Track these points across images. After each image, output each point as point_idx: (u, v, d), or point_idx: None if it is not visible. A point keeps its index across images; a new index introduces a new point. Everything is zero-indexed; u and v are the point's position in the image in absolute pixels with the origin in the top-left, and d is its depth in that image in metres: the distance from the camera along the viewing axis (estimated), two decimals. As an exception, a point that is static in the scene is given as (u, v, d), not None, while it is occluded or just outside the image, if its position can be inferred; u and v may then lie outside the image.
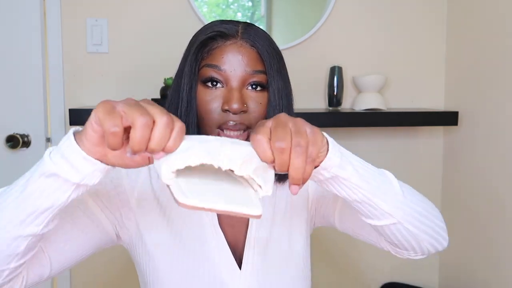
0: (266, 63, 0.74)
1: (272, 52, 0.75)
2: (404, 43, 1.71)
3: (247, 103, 0.73)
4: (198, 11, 1.56)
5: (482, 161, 1.54)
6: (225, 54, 0.73)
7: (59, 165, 0.51)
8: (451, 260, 1.73)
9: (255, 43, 0.74)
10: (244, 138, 0.74)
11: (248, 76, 0.73)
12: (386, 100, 1.70)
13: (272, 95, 0.74)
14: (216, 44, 0.74)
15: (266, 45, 0.75)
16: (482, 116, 1.54)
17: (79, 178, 0.52)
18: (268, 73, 0.74)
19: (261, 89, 0.74)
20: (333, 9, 1.64)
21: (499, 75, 1.46)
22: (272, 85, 0.74)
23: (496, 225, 1.48)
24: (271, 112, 0.75)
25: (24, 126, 1.52)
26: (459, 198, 1.68)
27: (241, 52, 0.73)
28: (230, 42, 0.73)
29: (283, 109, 0.76)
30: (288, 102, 0.78)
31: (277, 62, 0.76)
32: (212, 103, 0.73)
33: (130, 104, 0.48)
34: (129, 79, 1.56)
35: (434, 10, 1.72)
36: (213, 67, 0.73)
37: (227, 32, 0.74)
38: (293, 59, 1.64)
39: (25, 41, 1.50)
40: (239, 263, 0.79)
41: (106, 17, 1.54)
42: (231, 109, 0.71)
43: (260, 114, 0.74)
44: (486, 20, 1.52)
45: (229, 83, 0.73)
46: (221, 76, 0.73)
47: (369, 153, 1.73)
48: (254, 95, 0.74)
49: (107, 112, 0.47)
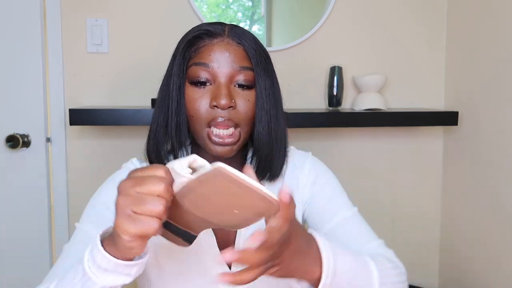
0: (253, 60, 0.75)
1: (259, 50, 0.76)
2: (404, 43, 1.71)
3: (235, 99, 0.74)
4: (198, 11, 1.56)
5: (482, 161, 1.54)
6: (212, 52, 0.74)
7: (110, 279, 0.55)
8: (451, 260, 1.73)
9: (241, 41, 0.75)
10: (235, 138, 0.74)
11: (235, 73, 0.74)
12: (386, 100, 1.70)
13: (259, 92, 0.75)
14: (203, 42, 0.75)
15: (253, 43, 0.76)
16: (482, 116, 1.54)
17: (131, 278, 0.57)
18: (255, 71, 0.75)
19: (248, 87, 0.75)
20: (333, 9, 1.64)
21: (499, 75, 1.46)
22: (259, 82, 0.75)
23: (496, 225, 1.48)
24: (259, 108, 0.75)
25: (24, 126, 1.52)
26: (459, 198, 1.68)
27: (228, 49, 0.74)
28: (217, 40, 0.75)
29: (271, 107, 0.77)
30: (276, 100, 0.79)
31: (264, 60, 0.77)
32: (201, 101, 0.74)
33: (137, 199, 0.50)
34: (129, 79, 1.56)
35: (434, 10, 1.72)
36: (201, 65, 0.73)
37: (214, 31, 0.75)
38: (293, 59, 1.64)
39: (25, 41, 1.50)
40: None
41: (106, 17, 1.54)
42: (219, 105, 0.72)
43: (248, 111, 0.75)
44: (486, 20, 1.52)
45: (217, 80, 0.73)
46: (209, 74, 0.73)
47: (369, 153, 1.74)
48: (242, 93, 0.75)
49: (129, 221, 0.49)
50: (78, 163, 1.57)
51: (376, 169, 1.73)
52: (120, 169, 0.85)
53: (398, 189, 1.75)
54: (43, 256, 1.56)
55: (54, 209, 1.57)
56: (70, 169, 1.57)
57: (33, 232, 1.55)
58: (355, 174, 1.72)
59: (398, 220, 1.77)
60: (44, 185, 1.54)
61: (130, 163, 0.85)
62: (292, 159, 0.89)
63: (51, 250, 1.57)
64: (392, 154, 1.74)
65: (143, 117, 1.39)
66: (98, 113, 1.39)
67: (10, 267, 1.54)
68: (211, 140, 0.74)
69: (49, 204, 1.56)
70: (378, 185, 1.74)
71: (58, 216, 1.57)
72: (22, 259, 1.55)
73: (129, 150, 1.57)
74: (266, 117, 0.76)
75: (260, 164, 0.79)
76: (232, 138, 0.74)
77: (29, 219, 1.54)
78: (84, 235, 0.76)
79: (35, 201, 1.54)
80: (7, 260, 1.54)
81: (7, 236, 1.53)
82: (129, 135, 1.58)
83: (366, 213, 1.82)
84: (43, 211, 1.55)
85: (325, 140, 1.70)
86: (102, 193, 0.81)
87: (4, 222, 1.53)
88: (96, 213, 0.78)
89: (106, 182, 0.83)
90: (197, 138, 0.77)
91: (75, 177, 1.57)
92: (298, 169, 0.88)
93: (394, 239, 1.77)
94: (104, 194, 0.81)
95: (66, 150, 1.56)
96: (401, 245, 1.78)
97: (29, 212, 1.54)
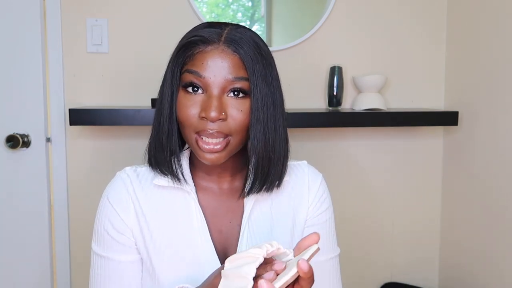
0: (249, 70, 0.70)
1: (257, 57, 0.71)
2: (404, 43, 1.71)
3: (227, 110, 0.70)
4: (198, 11, 1.56)
5: (482, 161, 1.54)
6: (205, 60, 0.70)
7: None
8: (451, 260, 1.73)
9: (237, 49, 0.70)
10: (224, 146, 0.72)
11: (228, 83, 0.70)
12: (386, 100, 1.70)
13: (254, 102, 0.71)
14: (198, 48, 0.72)
15: (251, 50, 0.71)
16: (482, 116, 1.54)
17: None
18: (251, 80, 0.71)
19: (243, 95, 0.71)
20: (333, 9, 1.64)
21: (499, 75, 1.46)
22: (255, 92, 0.71)
23: (496, 225, 1.48)
24: (253, 120, 0.72)
25: (24, 126, 1.52)
26: (459, 198, 1.68)
27: (222, 58, 0.70)
28: (211, 48, 0.71)
29: (268, 117, 0.73)
30: (275, 109, 0.74)
31: (263, 68, 0.72)
32: (191, 109, 0.71)
33: None
34: (129, 79, 1.56)
35: (434, 10, 1.72)
36: (193, 73, 0.71)
37: (208, 37, 0.71)
38: (293, 59, 1.64)
39: (25, 41, 1.50)
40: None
41: (106, 17, 1.54)
42: (208, 118, 0.69)
43: (241, 121, 0.71)
44: (486, 20, 1.52)
45: (209, 90, 0.70)
46: (201, 83, 0.70)
47: (369, 153, 1.74)
48: (235, 102, 0.71)
49: None
50: (78, 163, 1.57)
51: (376, 169, 1.73)
52: (114, 177, 0.84)
53: (398, 189, 1.75)
54: (43, 256, 1.56)
55: (54, 209, 1.57)
56: (70, 169, 1.57)
57: (33, 232, 1.55)
58: (355, 174, 1.72)
59: (398, 220, 1.77)
60: (44, 185, 1.54)
61: (123, 172, 0.82)
62: (302, 170, 0.87)
63: (51, 250, 1.57)
64: (392, 154, 1.74)
65: (143, 117, 1.39)
66: (98, 113, 1.39)
67: (10, 267, 1.54)
68: (200, 147, 0.72)
69: (49, 204, 1.56)
70: (378, 185, 1.74)
71: (58, 216, 1.57)
72: (22, 259, 1.55)
73: (129, 150, 1.57)
74: (261, 128, 0.72)
75: (257, 177, 0.77)
76: (219, 145, 0.71)
77: (29, 219, 1.54)
78: (107, 264, 0.79)
79: (35, 201, 1.54)
80: (7, 260, 1.54)
81: (7, 236, 1.53)
82: (129, 135, 1.58)
83: (366, 213, 1.83)
84: (43, 211, 1.55)
85: (325, 140, 1.70)
86: (103, 218, 0.80)
87: (4, 222, 1.53)
88: (106, 241, 0.80)
89: (102, 204, 0.81)
90: (188, 144, 0.76)
91: (75, 177, 1.57)
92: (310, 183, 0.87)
93: (394, 239, 1.77)
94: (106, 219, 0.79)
95: (66, 150, 1.56)
96: (401, 245, 1.78)
97: (29, 212, 1.54)
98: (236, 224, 0.81)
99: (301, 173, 0.87)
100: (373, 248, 1.77)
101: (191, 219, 0.78)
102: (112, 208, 0.78)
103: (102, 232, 0.79)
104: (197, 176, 0.81)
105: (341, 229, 1.03)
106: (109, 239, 0.79)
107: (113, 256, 0.79)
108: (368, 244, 1.77)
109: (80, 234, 1.58)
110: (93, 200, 0.90)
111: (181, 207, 0.79)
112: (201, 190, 0.81)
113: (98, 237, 0.80)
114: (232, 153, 0.74)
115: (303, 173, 0.87)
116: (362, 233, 1.75)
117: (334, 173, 1.70)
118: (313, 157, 1.67)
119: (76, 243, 1.59)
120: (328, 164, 1.70)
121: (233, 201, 0.81)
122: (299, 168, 0.88)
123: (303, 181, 0.86)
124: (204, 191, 0.81)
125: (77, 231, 1.58)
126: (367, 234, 1.75)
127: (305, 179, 0.86)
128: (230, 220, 0.81)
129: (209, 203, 0.81)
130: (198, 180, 0.81)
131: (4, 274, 1.54)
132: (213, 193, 0.81)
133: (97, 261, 0.80)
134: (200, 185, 0.81)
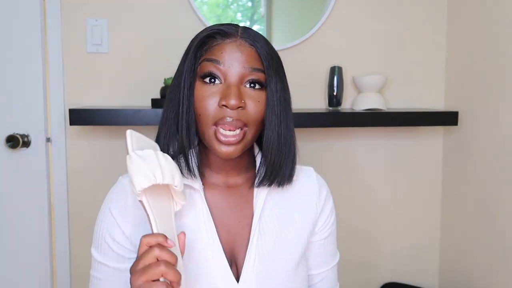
0: (264, 63, 0.74)
1: (271, 53, 0.76)
2: (404, 43, 1.71)
3: (245, 100, 0.73)
4: (198, 11, 1.56)
5: (482, 161, 1.54)
6: (224, 51, 0.73)
7: None
8: (451, 260, 1.73)
9: (254, 43, 0.74)
10: (240, 137, 0.73)
11: (246, 74, 0.73)
12: (386, 100, 1.70)
13: (270, 94, 0.75)
14: (216, 41, 0.74)
15: (265, 45, 0.76)
16: (482, 116, 1.54)
17: None
18: (266, 73, 0.74)
19: (259, 87, 0.74)
20: (333, 9, 1.64)
21: (499, 75, 1.46)
22: (270, 84, 0.74)
23: (496, 225, 1.48)
24: (269, 111, 0.75)
25: (24, 126, 1.52)
26: (459, 198, 1.68)
27: (240, 49, 0.73)
28: (230, 40, 0.74)
29: (281, 110, 0.76)
30: (286, 104, 0.78)
31: (276, 63, 0.76)
32: (210, 99, 0.72)
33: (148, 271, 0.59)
34: (129, 79, 1.56)
35: (435, 10, 1.72)
36: (212, 61, 0.73)
37: (227, 31, 0.75)
38: (293, 59, 1.64)
39: (25, 41, 1.50)
40: (237, 274, 0.78)
41: (106, 17, 1.54)
42: (229, 105, 0.70)
43: (258, 112, 0.74)
44: (486, 20, 1.52)
45: (227, 79, 0.73)
46: (220, 72, 0.73)
47: (369, 153, 1.74)
48: (253, 93, 0.74)
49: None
50: (78, 163, 1.57)
51: (376, 169, 1.73)
52: (116, 182, 0.83)
53: (398, 189, 1.75)
54: (43, 256, 1.56)
55: (54, 209, 1.57)
56: (70, 169, 1.57)
57: (33, 232, 1.55)
58: (355, 174, 1.72)
59: (398, 219, 1.77)
60: (44, 185, 1.54)
61: (125, 177, 0.82)
62: (311, 176, 0.89)
63: (51, 250, 1.57)
64: (392, 154, 1.74)
65: (143, 117, 1.39)
66: (98, 113, 1.39)
67: (10, 267, 1.54)
68: (218, 138, 0.72)
69: (49, 204, 1.56)
70: (378, 185, 1.74)
71: (58, 216, 1.57)
72: (22, 259, 1.55)
73: (129, 150, 1.57)
74: (276, 120, 0.75)
75: (268, 169, 0.78)
76: (237, 137, 0.73)
77: (29, 219, 1.54)
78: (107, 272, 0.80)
79: (35, 201, 1.54)
80: (7, 260, 1.54)
81: (7, 236, 1.53)
82: (129, 135, 1.58)
83: (365, 213, 1.83)
84: (43, 211, 1.55)
85: (325, 140, 1.70)
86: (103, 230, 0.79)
87: (4, 222, 1.53)
88: (106, 250, 0.79)
89: (103, 213, 0.80)
90: (203, 138, 0.76)
91: (75, 177, 1.57)
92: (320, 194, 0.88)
93: (394, 239, 1.77)
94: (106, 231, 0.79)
95: (66, 150, 1.56)
96: (401, 245, 1.78)
97: (29, 212, 1.54)
98: (245, 224, 0.80)
99: (310, 179, 0.89)
100: (373, 248, 1.77)
101: (198, 217, 0.78)
102: (113, 219, 0.78)
103: (102, 242, 0.79)
104: (204, 174, 0.81)
105: (341, 229, 1.03)
106: (108, 249, 0.78)
107: (113, 265, 0.78)
108: (368, 244, 1.77)
109: (80, 234, 1.58)
110: (93, 200, 0.90)
111: (188, 205, 0.78)
112: (208, 188, 0.81)
113: (97, 245, 0.79)
114: (246, 147, 0.76)
115: (312, 180, 0.89)
116: (362, 233, 1.75)
117: (334, 173, 1.70)
118: (313, 157, 1.67)
119: (76, 243, 1.59)
120: (328, 164, 1.70)
121: (240, 200, 0.81)
122: (307, 173, 0.89)
123: (312, 188, 0.88)
124: (211, 189, 0.81)
125: (77, 231, 1.59)
126: (367, 234, 1.75)
127: (314, 187, 0.88)
128: (239, 220, 0.81)
129: (216, 202, 0.80)
130: (204, 177, 0.81)
131: (4, 274, 1.54)
132: (220, 191, 0.81)
133: (96, 265, 0.80)
134: (207, 183, 0.81)
